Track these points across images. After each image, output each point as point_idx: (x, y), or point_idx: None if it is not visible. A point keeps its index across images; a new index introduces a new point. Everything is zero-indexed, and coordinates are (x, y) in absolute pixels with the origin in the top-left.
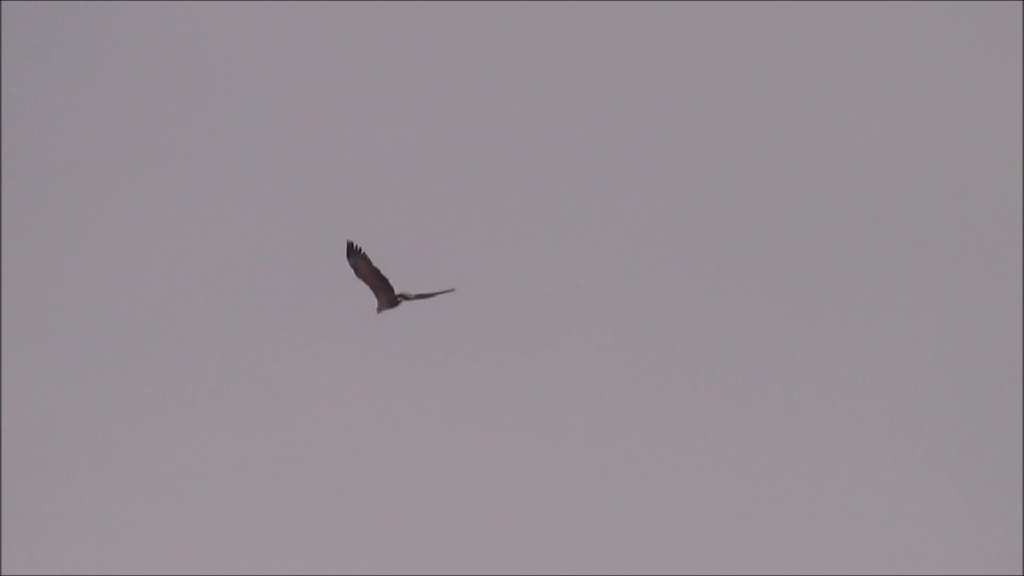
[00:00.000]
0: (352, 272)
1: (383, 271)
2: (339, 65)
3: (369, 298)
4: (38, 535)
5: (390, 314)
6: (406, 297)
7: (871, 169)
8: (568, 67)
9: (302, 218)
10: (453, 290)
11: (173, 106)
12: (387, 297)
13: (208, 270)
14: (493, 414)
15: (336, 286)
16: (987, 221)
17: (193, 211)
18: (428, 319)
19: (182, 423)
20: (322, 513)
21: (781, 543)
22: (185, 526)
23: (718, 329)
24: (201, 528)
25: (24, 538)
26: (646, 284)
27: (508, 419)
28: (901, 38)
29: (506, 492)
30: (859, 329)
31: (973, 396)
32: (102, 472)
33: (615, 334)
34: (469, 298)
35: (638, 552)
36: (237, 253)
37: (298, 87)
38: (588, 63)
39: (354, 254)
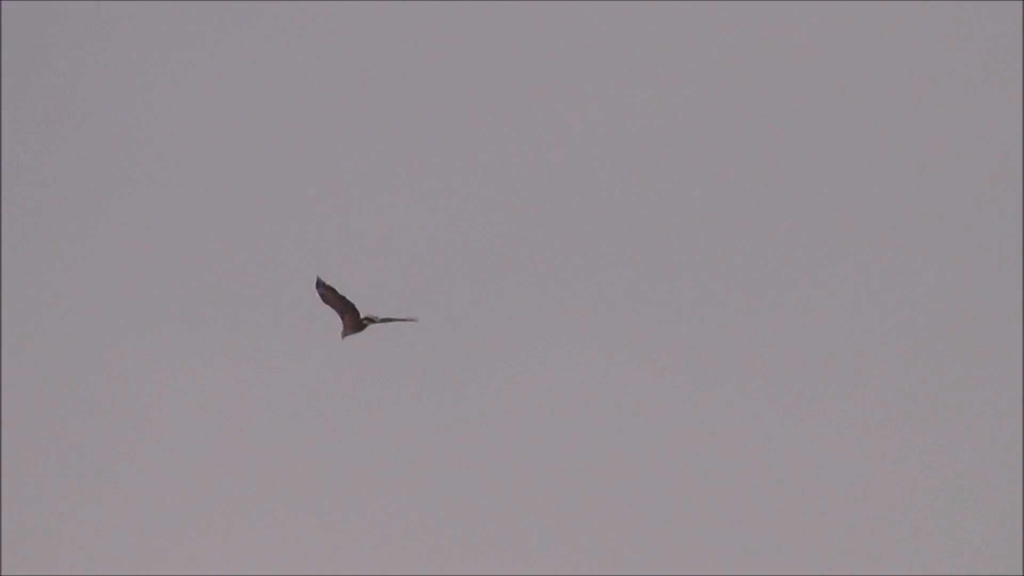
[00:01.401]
0: (319, 299)
1: (347, 296)
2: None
3: (336, 322)
4: (38, 535)
5: (357, 337)
6: (372, 320)
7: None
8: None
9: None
10: (416, 320)
11: (171, 111)
12: (352, 321)
13: (203, 273)
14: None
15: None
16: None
17: (172, 212)
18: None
19: (182, 425)
20: (319, 514)
21: (778, 546)
22: (185, 526)
23: (716, 324)
24: (201, 528)
25: (24, 538)
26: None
27: (499, 421)
28: (898, 39)
29: (503, 491)
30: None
31: (972, 393)
32: (102, 472)
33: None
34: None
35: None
36: (236, 256)
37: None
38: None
39: (321, 285)
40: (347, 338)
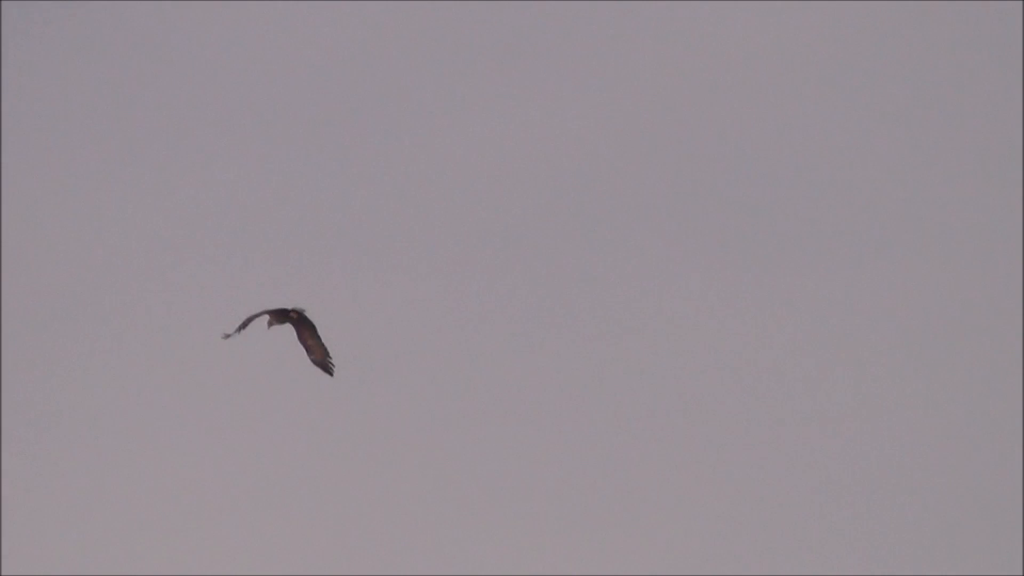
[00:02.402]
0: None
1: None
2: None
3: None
4: (38, 535)
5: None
6: (299, 312)
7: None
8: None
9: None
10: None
11: (166, 110)
12: (278, 319)
13: (198, 271)
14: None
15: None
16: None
17: (150, 208)
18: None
19: (180, 426)
20: (315, 514)
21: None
22: (184, 526)
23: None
24: (201, 528)
25: (24, 538)
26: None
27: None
28: (896, 38)
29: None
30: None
31: (973, 392)
32: (102, 471)
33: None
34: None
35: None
36: (237, 252)
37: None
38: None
39: (233, 333)
40: (273, 328)
